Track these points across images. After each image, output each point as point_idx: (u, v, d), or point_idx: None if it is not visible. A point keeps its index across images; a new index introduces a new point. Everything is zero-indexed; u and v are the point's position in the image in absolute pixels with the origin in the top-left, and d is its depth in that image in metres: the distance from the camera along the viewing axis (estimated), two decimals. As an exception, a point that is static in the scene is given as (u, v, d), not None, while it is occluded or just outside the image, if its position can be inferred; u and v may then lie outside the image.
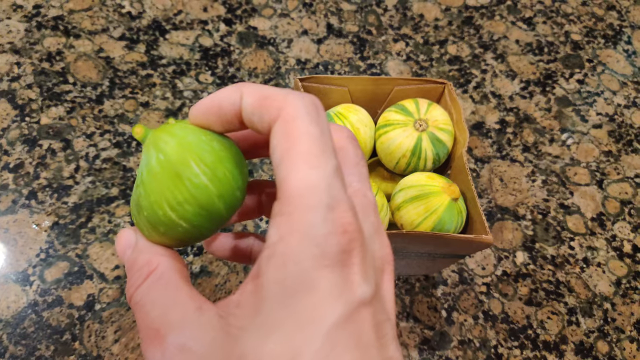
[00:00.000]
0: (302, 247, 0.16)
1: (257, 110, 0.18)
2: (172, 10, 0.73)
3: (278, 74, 0.69)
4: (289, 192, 0.17)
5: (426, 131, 0.48)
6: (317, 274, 0.16)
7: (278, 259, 0.16)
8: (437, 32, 0.77)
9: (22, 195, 0.55)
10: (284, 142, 0.17)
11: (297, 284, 0.16)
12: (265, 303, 0.16)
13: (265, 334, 0.16)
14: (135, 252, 0.21)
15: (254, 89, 0.19)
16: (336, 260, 0.16)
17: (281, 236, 0.17)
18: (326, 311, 0.16)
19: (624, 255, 0.60)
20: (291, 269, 0.16)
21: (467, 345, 0.52)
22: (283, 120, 0.17)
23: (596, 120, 0.71)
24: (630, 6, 0.85)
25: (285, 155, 0.17)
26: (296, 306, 0.16)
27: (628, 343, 0.54)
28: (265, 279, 0.17)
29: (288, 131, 0.17)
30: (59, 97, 0.62)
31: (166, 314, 0.18)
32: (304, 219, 0.16)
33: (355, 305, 0.17)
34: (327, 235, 0.16)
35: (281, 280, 0.16)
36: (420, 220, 0.44)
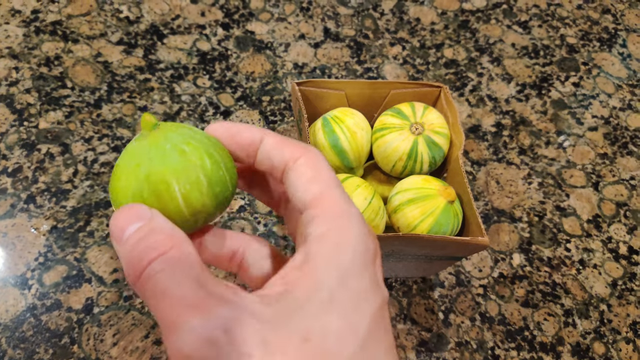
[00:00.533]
0: (352, 238, 0.19)
1: (280, 149, 0.22)
2: (169, 15, 0.73)
3: (275, 77, 0.69)
4: (330, 199, 0.20)
5: (422, 134, 0.48)
6: (364, 263, 0.19)
7: (332, 243, 0.19)
8: (433, 36, 0.77)
9: (21, 200, 0.55)
10: (311, 170, 0.21)
11: (351, 267, 0.19)
12: (325, 282, 0.18)
13: (326, 308, 0.18)
14: (153, 224, 0.19)
15: (278, 134, 0.23)
16: (372, 258, 0.20)
17: (330, 227, 0.20)
18: (372, 297, 0.19)
19: (620, 256, 0.60)
20: (346, 252, 0.19)
21: (464, 347, 0.53)
22: (308, 157, 0.22)
23: (592, 122, 0.71)
24: (625, 9, 0.85)
25: (316, 178, 0.21)
26: (352, 287, 0.19)
27: (624, 344, 0.55)
28: (321, 261, 0.19)
29: (314, 165, 0.22)
30: (57, 101, 0.63)
31: (205, 288, 0.17)
32: (349, 218, 0.20)
33: (384, 300, 0.20)
34: (367, 234, 0.20)
35: (337, 260, 0.19)
36: (417, 223, 0.45)
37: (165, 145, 0.21)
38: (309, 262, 0.19)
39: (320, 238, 0.19)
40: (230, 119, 0.64)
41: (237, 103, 0.66)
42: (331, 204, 0.20)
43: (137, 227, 0.19)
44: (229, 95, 0.67)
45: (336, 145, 0.48)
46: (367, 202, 0.44)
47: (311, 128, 0.50)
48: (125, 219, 0.19)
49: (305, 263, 0.19)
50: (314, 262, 0.19)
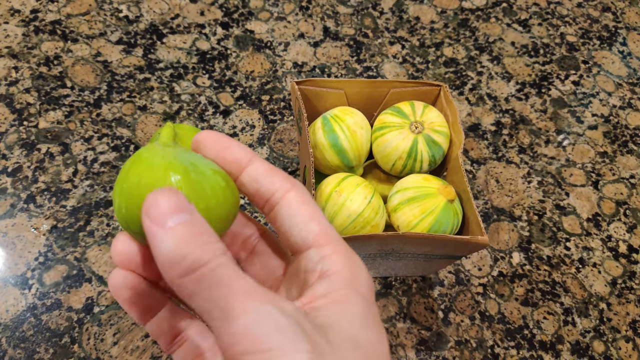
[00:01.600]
0: (362, 274, 0.22)
1: (270, 177, 0.23)
2: (169, 14, 0.73)
3: (275, 77, 0.69)
4: (334, 239, 0.22)
5: (422, 133, 0.48)
6: (373, 298, 0.22)
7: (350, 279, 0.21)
8: (433, 35, 0.77)
9: (21, 199, 0.55)
10: (306, 207, 0.22)
11: (369, 297, 0.21)
12: (353, 306, 0.21)
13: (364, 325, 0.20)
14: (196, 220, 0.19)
15: (266, 162, 0.23)
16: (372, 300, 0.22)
17: (344, 265, 0.21)
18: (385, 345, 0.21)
19: (620, 255, 0.60)
20: (363, 286, 0.21)
21: (464, 345, 0.53)
22: (299, 191, 0.23)
23: (591, 121, 0.71)
24: (625, 7, 0.85)
25: (313, 216, 0.22)
26: (374, 312, 0.21)
27: (624, 343, 0.55)
28: (344, 292, 0.21)
29: (306, 200, 0.23)
30: (57, 101, 0.63)
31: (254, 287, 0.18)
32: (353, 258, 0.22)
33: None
34: (369, 277, 0.22)
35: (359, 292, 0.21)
36: (417, 222, 0.45)
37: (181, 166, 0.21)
38: (334, 292, 0.21)
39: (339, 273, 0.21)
40: (229, 118, 0.64)
41: (236, 102, 0.66)
42: (337, 244, 0.22)
43: (183, 218, 0.18)
44: (228, 94, 0.67)
45: (336, 144, 0.48)
46: (367, 200, 0.44)
47: (311, 127, 0.50)
48: (169, 205, 0.18)
49: (330, 293, 0.21)
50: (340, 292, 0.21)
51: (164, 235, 0.18)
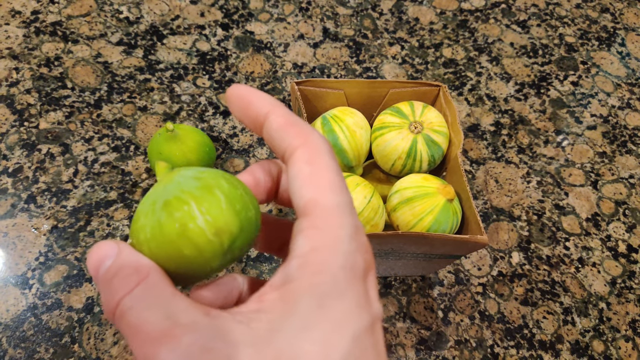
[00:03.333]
0: (335, 258, 0.18)
1: (282, 132, 0.20)
2: (169, 15, 0.73)
3: (275, 77, 0.69)
4: (319, 210, 0.19)
5: (421, 133, 0.48)
6: (347, 284, 0.18)
7: (313, 266, 0.18)
8: (432, 36, 0.77)
9: (21, 200, 0.56)
10: (309, 167, 0.19)
11: (331, 291, 0.18)
12: (300, 306, 0.17)
13: (301, 334, 0.17)
14: (117, 262, 0.19)
15: (284, 112, 0.21)
16: (360, 275, 0.19)
17: (313, 247, 0.18)
18: (356, 318, 0.18)
19: (619, 255, 0.60)
20: (325, 277, 0.18)
21: (464, 345, 0.53)
22: (308, 148, 0.20)
23: (590, 121, 0.71)
24: (624, 8, 0.85)
25: (311, 179, 0.19)
26: (330, 310, 0.18)
27: (623, 342, 0.55)
28: (298, 284, 0.18)
29: (313, 159, 0.20)
30: (58, 102, 0.63)
31: (172, 317, 0.17)
32: (335, 234, 0.18)
33: (374, 318, 0.19)
34: (355, 252, 0.19)
35: (316, 285, 0.18)
36: (416, 221, 0.45)
37: (179, 179, 0.20)
38: (287, 284, 0.18)
39: (303, 257, 0.18)
40: (230, 119, 0.65)
41: (236, 103, 0.66)
42: (321, 215, 0.19)
43: (107, 265, 0.19)
44: (228, 95, 0.67)
45: (336, 144, 0.48)
46: (366, 200, 0.45)
47: (310, 127, 0.51)
48: (95, 259, 0.19)
49: (283, 285, 0.18)
50: (292, 286, 0.18)
51: (97, 287, 0.20)
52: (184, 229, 0.19)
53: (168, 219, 0.19)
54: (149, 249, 0.20)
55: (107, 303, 0.18)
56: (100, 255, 0.19)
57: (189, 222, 0.19)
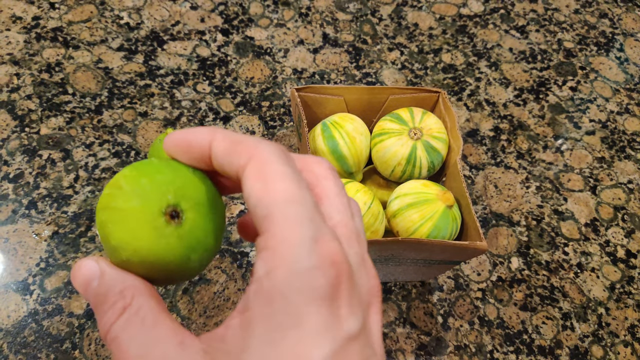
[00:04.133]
0: (289, 281, 0.16)
1: (228, 156, 0.19)
2: (169, 21, 0.74)
3: (274, 83, 0.70)
4: (272, 227, 0.17)
5: (421, 140, 0.49)
6: (304, 309, 0.16)
7: (265, 293, 0.17)
8: (431, 41, 0.78)
9: (22, 205, 0.56)
10: (259, 183, 0.18)
11: (285, 319, 0.16)
12: (252, 339, 0.16)
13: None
14: (103, 285, 0.19)
15: (225, 135, 0.19)
16: (324, 294, 0.16)
17: (267, 270, 0.17)
18: (313, 348, 0.16)
19: (618, 260, 0.61)
20: (278, 304, 0.16)
21: (463, 350, 0.53)
22: (256, 162, 0.18)
23: (589, 127, 0.72)
24: (622, 14, 0.86)
25: (263, 194, 0.17)
26: (284, 344, 0.16)
27: (622, 347, 0.55)
28: (251, 314, 0.17)
29: (262, 172, 0.18)
30: (59, 107, 0.63)
31: (147, 352, 0.18)
32: (289, 252, 0.17)
33: (343, 341, 0.17)
34: (313, 269, 0.16)
35: (268, 315, 0.16)
36: (416, 227, 0.45)
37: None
38: (245, 312, 0.17)
39: (258, 284, 0.17)
40: (230, 124, 0.65)
41: (236, 108, 0.66)
42: (275, 233, 0.17)
43: (94, 287, 0.19)
44: (228, 100, 0.67)
45: (335, 150, 0.48)
46: (366, 206, 0.45)
47: (311, 133, 0.51)
48: (81, 281, 0.20)
49: (242, 313, 0.18)
50: (248, 316, 0.17)
51: (92, 305, 0.20)
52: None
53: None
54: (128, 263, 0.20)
55: (100, 328, 0.19)
56: (85, 278, 0.20)
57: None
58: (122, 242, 0.19)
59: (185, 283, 0.53)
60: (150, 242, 0.19)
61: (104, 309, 0.19)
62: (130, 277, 0.20)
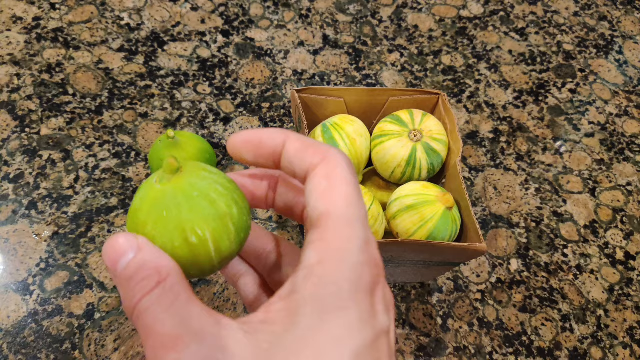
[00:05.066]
0: (341, 271, 0.18)
1: (301, 154, 0.21)
2: (170, 22, 0.74)
3: (275, 84, 0.70)
4: (330, 223, 0.19)
5: (421, 141, 0.49)
6: (351, 297, 0.18)
7: (316, 279, 0.18)
8: (431, 43, 0.78)
9: (22, 206, 0.56)
10: (325, 182, 0.20)
11: (333, 303, 0.18)
12: (301, 318, 0.18)
13: (299, 348, 0.17)
14: (139, 259, 0.19)
15: (299, 137, 0.22)
16: (367, 289, 0.18)
17: (320, 259, 0.18)
18: (357, 333, 0.18)
19: (617, 262, 0.61)
20: (329, 289, 0.18)
21: (463, 351, 0.53)
22: (327, 164, 0.20)
23: (588, 129, 0.72)
24: (621, 16, 0.86)
25: (327, 193, 0.20)
26: (332, 324, 0.17)
27: (621, 349, 0.55)
28: (301, 296, 0.18)
29: (330, 174, 0.20)
30: (59, 108, 0.63)
31: (185, 323, 0.18)
32: (344, 247, 0.19)
33: (379, 333, 0.18)
34: (363, 265, 0.19)
35: (319, 298, 0.18)
36: (416, 229, 0.45)
37: (192, 193, 0.20)
38: (293, 295, 0.18)
39: (309, 270, 0.18)
40: (230, 126, 0.65)
41: (237, 109, 0.67)
42: (332, 228, 0.19)
43: (127, 260, 0.19)
44: (229, 101, 0.67)
45: (335, 152, 0.48)
46: (366, 208, 0.45)
47: (311, 135, 0.51)
48: (115, 252, 0.19)
49: (289, 296, 0.18)
50: (296, 297, 0.18)
51: (116, 282, 0.20)
52: (195, 257, 0.21)
53: (181, 243, 0.20)
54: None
55: (126, 301, 0.19)
56: (118, 251, 0.19)
57: (201, 252, 0.21)
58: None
59: (185, 284, 0.53)
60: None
61: (135, 280, 0.19)
62: (166, 257, 0.20)
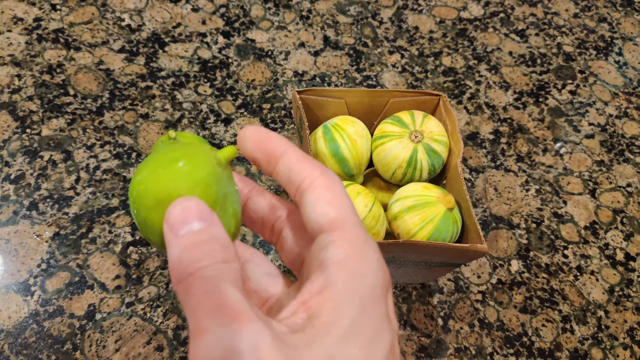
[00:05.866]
0: (371, 269, 0.20)
1: (301, 165, 0.22)
2: (171, 23, 0.74)
3: (276, 85, 0.70)
4: (348, 225, 0.21)
5: (421, 142, 0.49)
6: (380, 294, 0.20)
7: (352, 270, 0.19)
8: (431, 44, 0.78)
9: (23, 206, 0.56)
10: (329, 193, 0.21)
11: (370, 295, 0.19)
12: (346, 309, 0.19)
13: (349, 338, 0.18)
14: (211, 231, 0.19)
15: (300, 151, 0.23)
16: (386, 291, 0.20)
17: (348, 255, 0.20)
18: (387, 330, 0.19)
19: (617, 263, 0.61)
20: (366, 279, 0.19)
21: (464, 352, 0.53)
22: (326, 178, 0.22)
23: (588, 130, 0.72)
24: (621, 18, 0.86)
25: (334, 201, 0.21)
26: (370, 315, 0.19)
27: (622, 350, 0.55)
28: (341, 287, 0.19)
29: (332, 187, 0.22)
30: (60, 109, 0.63)
31: (248, 302, 0.18)
32: (364, 247, 0.20)
33: (395, 335, 0.20)
34: (383, 266, 0.21)
35: (358, 288, 0.19)
36: (417, 230, 0.45)
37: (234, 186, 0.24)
38: (329, 287, 0.19)
39: (339, 264, 0.19)
40: (231, 126, 0.65)
41: (237, 110, 0.67)
42: (349, 230, 0.20)
43: (198, 227, 0.19)
44: (229, 102, 0.67)
45: (337, 152, 0.48)
46: (367, 209, 0.45)
47: (312, 136, 0.51)
48: (188, 213, 0.19)
49: (325, 288, 0.19)
50: (335, 288, 0.19)
51: (174, 241, 0.19)
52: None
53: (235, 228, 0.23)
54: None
55: (182, 264, 0.18)
56: (193, 212, 0.19)
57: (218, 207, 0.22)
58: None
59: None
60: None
61: (203, 249, 0.19)
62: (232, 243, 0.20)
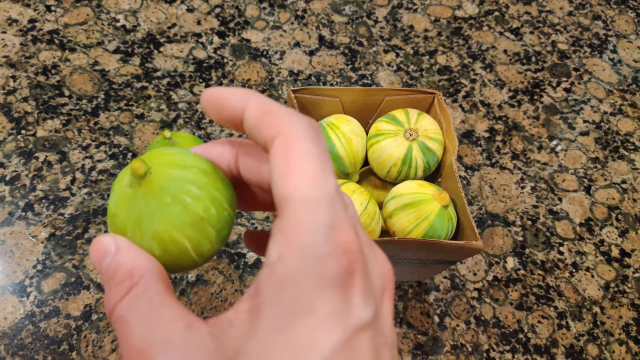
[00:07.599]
0: (302, 267, 0.16)
1: (258, 124, 0.18)
2: (166, 24, 0.74)
3: (271, 85, 0.70)
4: (289, 210, 0.17)
5: (416, 140, 0.49)
6: (316, 296, 0.16)
7: (276, 279, 0.16)
8: (426, 43, 0.78)
9: (19, 207, 0.56)
10: (283, 160, 0.17)
11: (296, 306, 0.16)
12: (262, 325, 0.16)
13: (260, 358, 0.16)
14: (115, 262, 0.19)
15: (258, 102, 0.19)
16: (337, 282, 0.16)
17: (280, 255, 0.16)
18: (324, 336, 0.16)
19: (612, 259, 0.61)
20: (290, 290, 0.16)
21: (460, 350, 0.53)
22: (283, 138, 0.18)
23: (583, 127, 0.72)
24: (615, 16, 0.87)
25: (285, 174, 0.17)
26: (293, 330, 0.16)
27: (617, 346, 0.55)
28: (262, 299, 0.16)
29: (288, 149, 0.17)
30: (55, 110, 0.63)
31: (152, 332, 0.17)
32: (304, 238, 0.16)
33: (355, 330, 0.16)
34: (327, 256, 0.16)
35: (279, 302, 0.16)
36: (412, 228, 0.45)
37: (165, 199, 0.19)
38: (255, 297, 0.17)
39: (270, 269, 0.17)
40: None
41: (233, 110, 0.67)
42: (292, 217, 0.16)
43: (107, 262, 0.19)
44: (225, 102, 0.67)
45: (332, 151, 0.49)
46: (362, 207, 0.45)
47: (307, 135, 0.51)
48: (96, 256, 0.19)
49: (252, 297, 0.17)
50: (258, 301, 0.17)
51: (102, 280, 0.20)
52: (177, 262, 0.20)
53: (161, 252, 0.20)
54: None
55: (106, 306, 0.19)
56: (100, 252, 0.19)
57: (182, 258, 0.20)
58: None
59: (183, 284, 0.53)
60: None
61: (111, 286, 0.19)
62: (142, 257, 0.19)
